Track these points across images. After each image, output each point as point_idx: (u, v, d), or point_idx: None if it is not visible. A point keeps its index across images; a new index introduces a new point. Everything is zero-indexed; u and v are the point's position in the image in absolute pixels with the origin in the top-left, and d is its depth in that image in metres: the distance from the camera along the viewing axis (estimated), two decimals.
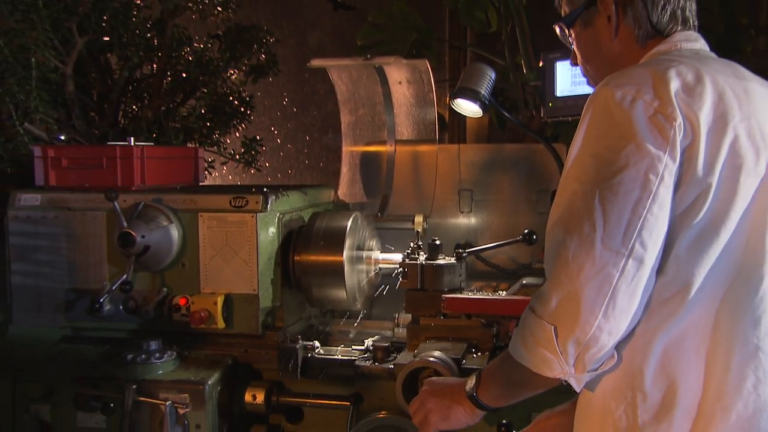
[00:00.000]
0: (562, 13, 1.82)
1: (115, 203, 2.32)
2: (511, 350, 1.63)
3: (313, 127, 4.53)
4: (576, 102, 2.52)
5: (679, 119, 1.41)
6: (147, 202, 2.45)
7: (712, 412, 1.45)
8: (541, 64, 2.81)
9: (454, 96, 2.67)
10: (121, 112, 3.44)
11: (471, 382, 1.77)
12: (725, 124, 1.44)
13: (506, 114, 2.87)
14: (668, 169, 1.41)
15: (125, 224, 2.32)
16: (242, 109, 3.58)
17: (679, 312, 1.45)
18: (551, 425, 1.90)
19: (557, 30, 1.87)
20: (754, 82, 1.56)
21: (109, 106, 3.36)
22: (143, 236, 2.35)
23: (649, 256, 1.42)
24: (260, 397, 2.40)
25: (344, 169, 3.13)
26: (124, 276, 2.39)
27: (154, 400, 2.27)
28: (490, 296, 2.49)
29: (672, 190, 1.43)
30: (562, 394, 1.84)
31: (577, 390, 1.61)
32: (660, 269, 1.45)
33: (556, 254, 1.51)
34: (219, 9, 3.42)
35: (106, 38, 3.25)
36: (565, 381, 1.57)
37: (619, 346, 1.49)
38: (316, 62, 2.89)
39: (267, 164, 3.86)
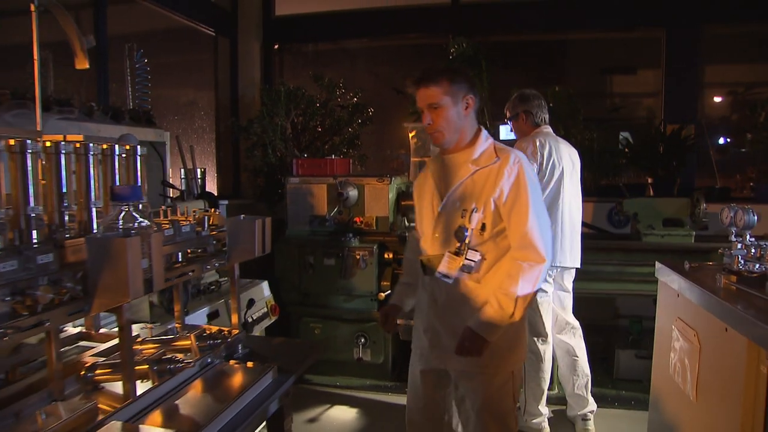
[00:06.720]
0: (507, 115, 3.16)
1: (336, 180, 3.73)
2: None
3: (383, 148, 5.39)
4: (507, 143, 3.54)
5: (539, 154, 2.94)
6: (343, 180, 3.74)
7: (559, 225, 2.94)
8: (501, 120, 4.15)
9: None
10: (305, 143, 4.62)
11: None
12: (551, 155, 2.96)
13: None
14: (534, 168, 2.87)
15: (339, 188, 3.70)
16: (357, 142, 4.72)
17: None
18: None
19: (506, 120, 3.22)
20: (562, 143, 3.05)
21: (299, 141, 4.62)
22: (345, 193, 3.71)
23: None
24: (390, 255, 3.73)
25: (411, 167, 4.26)
26: (337, 208, 3.76)
27: (354, 254, 3.65)
28: None
29: (536, 173, 2.98)
30: None
31: None
32: None
33: None
34: (349, 96, 4.71)
35: (300, 112, 4.56)
36: None
37: None
38: (406, 124, 4.16)
39: (364, 167, 4.85)
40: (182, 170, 4.12)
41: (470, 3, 5.13)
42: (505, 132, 4.02)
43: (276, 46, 5.47)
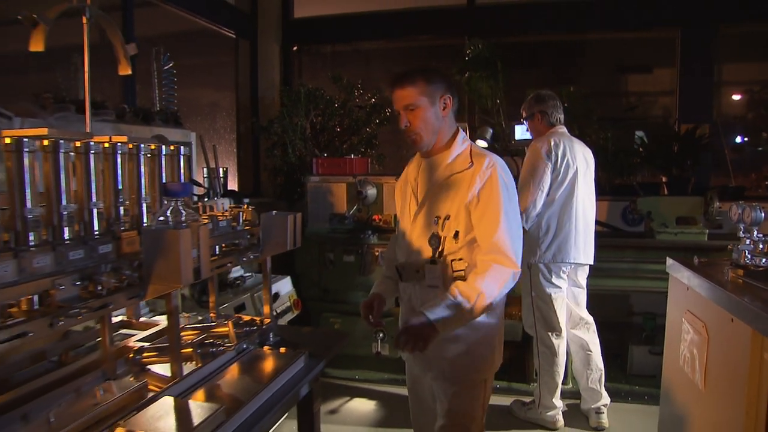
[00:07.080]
0: (524, 115, 3.31)
1: (356, 179, 3.94)
2: None
3: (400, 147, 5.24)
4: (523, 142, 3.87)
5: (553, 153, 3.07)
6: (362, 179, 3.95)
7: (573, 222, 3.08)
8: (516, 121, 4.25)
9: (476, 139, 4.16)
10: (324, 143, 4.81)
11: None
12: (565, 155, 3.08)
13: (495, 144, 4.19)
14: (549, 167, 3.06)
15: (359, 187, 3.90)
16: (375, 142, 4.88)
17: (552, 205, 3.09)
18: None
19: (522, 120, 3.35)
20: (576, 143, 3.18)
21: (318, 141, 4.78)
22: (364, 191, 3.90)
23: (545, 189, 3.08)
24: None
25: None
26: (356, 206, 3.96)
27: (373, 251, 3.82)
28: None
29: (550, 172, 3.08)
30: None
31: None
32: (547, 194, 3.09)
33: (522, 186, 3.05)
34: (367, 97, 4.91)
35: (319, 112, 4.75)
36: None
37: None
38: None
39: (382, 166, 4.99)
40: (205, 169, 4.28)
41: (486, 4, 5.24)
42: (521, 132, 4.11)
43: (295, 48, 5.62)
